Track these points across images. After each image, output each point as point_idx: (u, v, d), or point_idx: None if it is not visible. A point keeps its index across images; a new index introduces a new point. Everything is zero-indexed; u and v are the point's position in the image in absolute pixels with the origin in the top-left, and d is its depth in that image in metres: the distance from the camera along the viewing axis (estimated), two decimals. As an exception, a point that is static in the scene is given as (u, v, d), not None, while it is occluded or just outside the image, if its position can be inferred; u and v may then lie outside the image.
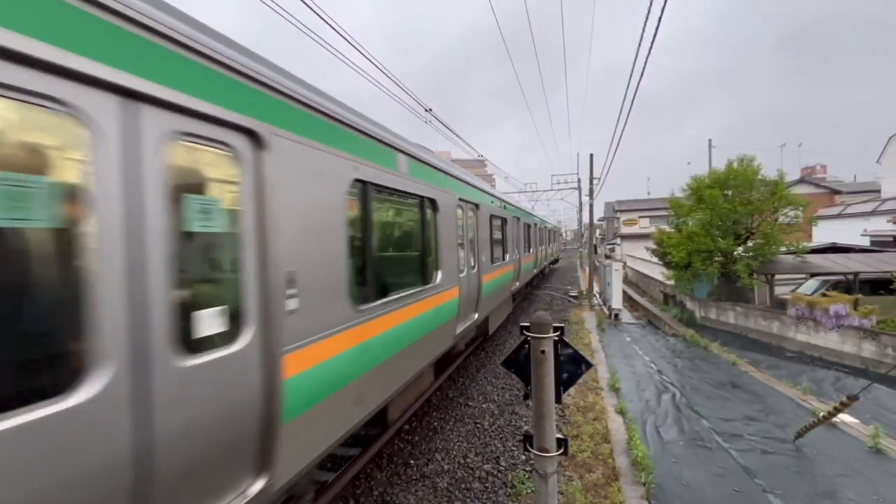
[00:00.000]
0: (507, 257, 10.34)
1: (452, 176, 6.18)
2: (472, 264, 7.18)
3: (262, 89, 2.49)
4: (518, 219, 12.23)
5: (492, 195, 9.12)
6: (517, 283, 11.65)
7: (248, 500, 2.27)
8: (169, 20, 1.96)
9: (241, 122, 2.29)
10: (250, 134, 2.38)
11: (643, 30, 6.20)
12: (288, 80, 2.79)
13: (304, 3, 5.61)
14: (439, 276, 5.30)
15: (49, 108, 1.56)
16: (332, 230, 3.09)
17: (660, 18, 5.85)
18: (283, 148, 2.59)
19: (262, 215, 2.42)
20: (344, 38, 6.99)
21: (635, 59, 7.09)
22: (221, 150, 2.24)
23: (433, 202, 5.32)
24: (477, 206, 7.55)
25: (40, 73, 1.51)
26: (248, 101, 2.36)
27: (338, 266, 3.14)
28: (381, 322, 3.73)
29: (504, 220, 10.16)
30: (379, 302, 3.74)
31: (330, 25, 6.51)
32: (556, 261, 35.02)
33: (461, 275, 6.27)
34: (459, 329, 6.27)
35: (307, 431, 2.76)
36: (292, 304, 2.60)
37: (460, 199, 6.44)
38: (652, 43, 6.25)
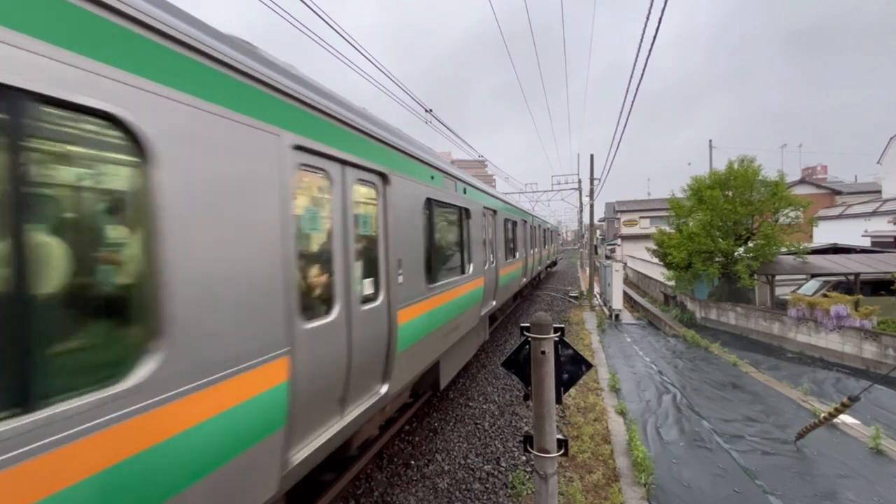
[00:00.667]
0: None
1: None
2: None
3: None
4: (495, 211, 8.97)
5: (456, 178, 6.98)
6: (492, 303, 8.68)
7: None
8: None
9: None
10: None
11: (643, 30, 6.21)
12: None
13: (306, 5, 5.62)
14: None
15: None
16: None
17: (660, 19, 5.85)
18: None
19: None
20: (346, 39, 7.01)
21: (636, 60, 7.10)
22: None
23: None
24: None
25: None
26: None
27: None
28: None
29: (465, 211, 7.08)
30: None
31: (332, 27, 6.52)
32: (553, 264, 31.78)
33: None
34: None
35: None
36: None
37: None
38: (652, 44, 6.26)
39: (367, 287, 3.59)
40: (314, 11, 6.06)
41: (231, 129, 2.22)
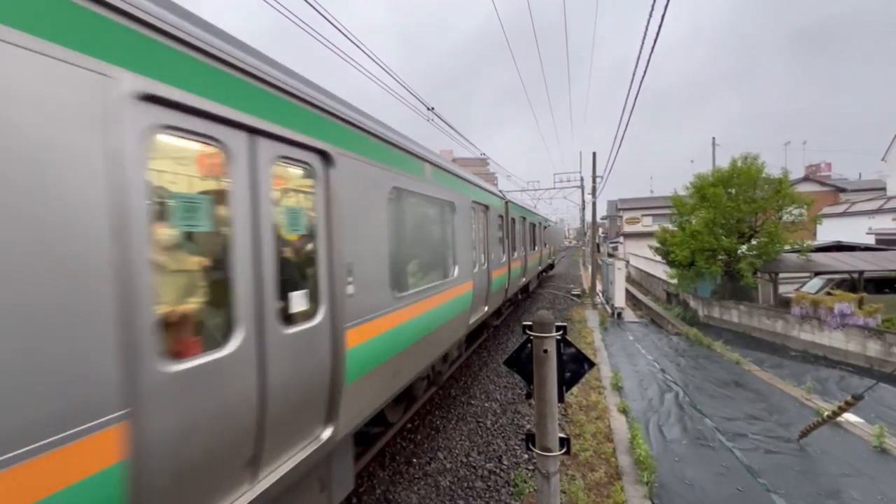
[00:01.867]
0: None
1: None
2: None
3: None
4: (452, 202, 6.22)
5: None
6: (484, 308, 7.85)
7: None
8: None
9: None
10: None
11: (646, 28, 6.17)
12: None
13: (308, 3, 5.60)
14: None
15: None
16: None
17: (663, 16, 5.82)
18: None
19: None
20: (348, 38, 6.99)
21: (638, 58, 7.07)
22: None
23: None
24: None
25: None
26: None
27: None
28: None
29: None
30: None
31: (334, 25, 6.51)
32: (550, 266, 27.61)
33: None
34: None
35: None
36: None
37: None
38: (655, 42, 6.23)
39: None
40: (317, 10, 6.05)
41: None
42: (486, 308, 8.01)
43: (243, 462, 2.29)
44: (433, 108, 11.26)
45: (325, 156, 2.96)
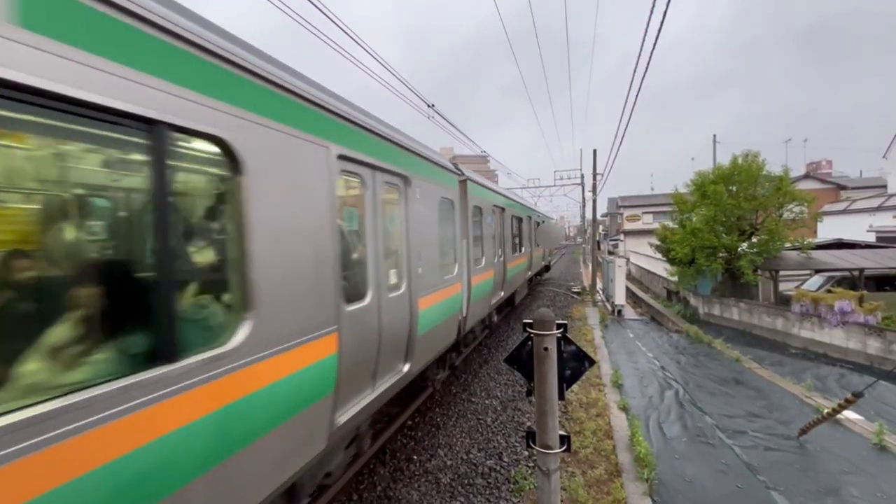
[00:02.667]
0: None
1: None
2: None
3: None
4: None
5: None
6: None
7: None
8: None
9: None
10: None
11: (647, 27, 6.15)
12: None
13: (312, 4, 5.58)
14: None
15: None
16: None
17: (664, 13, 5.80)
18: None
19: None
20: (349, 35, 6.97)
21: (639, 56, 7.05)
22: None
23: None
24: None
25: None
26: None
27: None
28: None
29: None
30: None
31: (335, 22, 6.49)
32: (546, 268, 23.71)
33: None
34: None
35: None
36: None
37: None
38: (656, 40, 6.21)
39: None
40: (318, 7, 6.03)
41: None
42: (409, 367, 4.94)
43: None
44: (433, 106, 11.25)
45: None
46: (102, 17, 1.70)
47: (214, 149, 2.25)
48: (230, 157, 2.29)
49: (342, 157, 3.32)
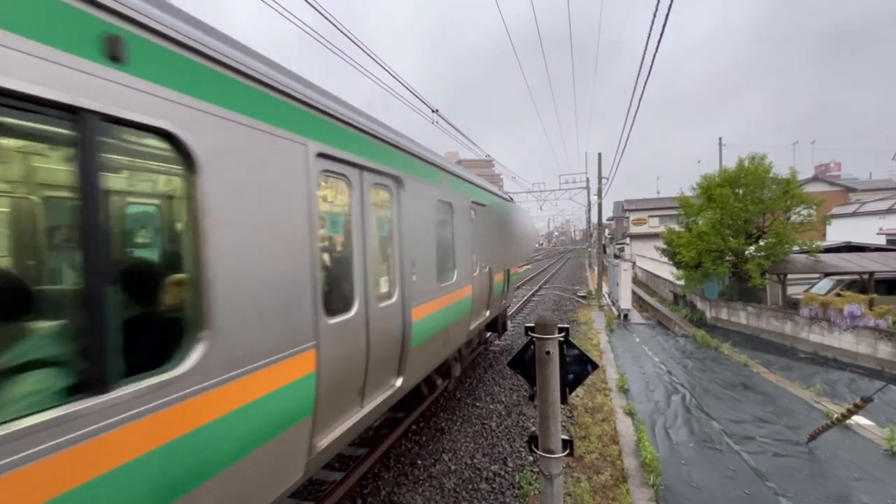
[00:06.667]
0: None
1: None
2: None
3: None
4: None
5: None
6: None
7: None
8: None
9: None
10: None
11: (650, 30, 6.17)
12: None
13: (313, 6, 5.66)
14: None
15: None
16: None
17: (666, 16, 5.82)
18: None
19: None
20: (355, 42, 7.05)
21: (641, 62, 7.06)
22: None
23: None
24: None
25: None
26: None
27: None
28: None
29: None
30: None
31: (339, 29, 6.56)
32: (498, 325, 9.25)
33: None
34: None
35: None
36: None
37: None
38: (657, 47, 6.22)
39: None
40: (324, 16, 6.11)
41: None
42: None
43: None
44: (437, 111, 11.30)
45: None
46: None
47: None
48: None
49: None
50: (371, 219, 3.60)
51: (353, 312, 3.30)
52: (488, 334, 9.68)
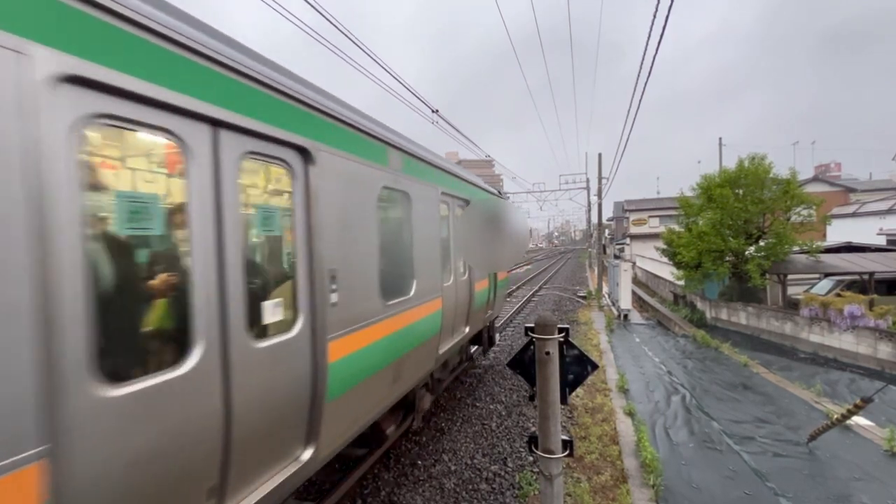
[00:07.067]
0: None
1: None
2: None
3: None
4: None
5: None
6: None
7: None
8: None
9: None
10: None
11: (650, 30, 6.17)
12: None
13: (313, 6, 5.66)
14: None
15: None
16: None
17: (667, 17, 5.82)
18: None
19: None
20: (354, 42, 7.05)
21: (642, 59, 7.06)
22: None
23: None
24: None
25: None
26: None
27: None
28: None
29: None
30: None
31: (339, 29, 6.57)
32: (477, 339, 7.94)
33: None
34: None
35: None
36: None
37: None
38: (659, 43, 6.22)
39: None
40: (324, 16, 6.11)
41: None
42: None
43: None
44: (437, 111, 11.31)
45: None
46: None
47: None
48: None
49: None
50: (236, 209, 2.24)
51: (188, 366, 1.96)
52: (474, 349, 8.34)
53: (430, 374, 5.24)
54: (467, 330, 6.28)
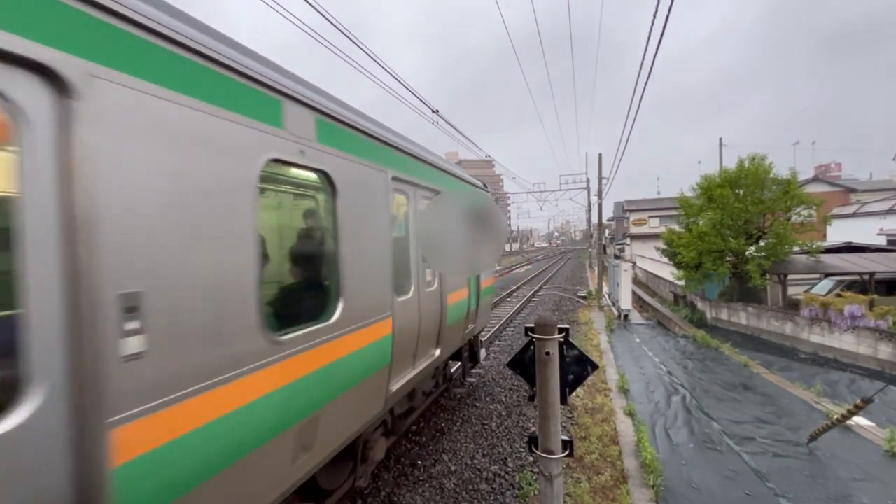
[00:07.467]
0: None
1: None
2: None
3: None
4: None
5: None
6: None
7: None
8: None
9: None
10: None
11: (650, 30, 6.17)
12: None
13: (314, 7, 5.67)
14: None
15: None
16: None
17: (667, 17, 5.82)
18: None
19: None
20: (354, 42, 7.05)
21: (643, 60, 7.06)
22: None
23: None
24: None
25: None
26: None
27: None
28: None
29: None
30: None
31: (339, 29, 6.57)
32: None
33: None
34: None
35: None
36: None
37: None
38: (659, 43, 6.22)
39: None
40: (325, 17, 6.11)
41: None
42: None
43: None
44: (438, 111, 11.31)
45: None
46: None
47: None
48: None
49: None
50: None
51: None
52: (455, 367, 7.23)
53: (379, 418, 3.98)
54: (438, 353, 5.07)
